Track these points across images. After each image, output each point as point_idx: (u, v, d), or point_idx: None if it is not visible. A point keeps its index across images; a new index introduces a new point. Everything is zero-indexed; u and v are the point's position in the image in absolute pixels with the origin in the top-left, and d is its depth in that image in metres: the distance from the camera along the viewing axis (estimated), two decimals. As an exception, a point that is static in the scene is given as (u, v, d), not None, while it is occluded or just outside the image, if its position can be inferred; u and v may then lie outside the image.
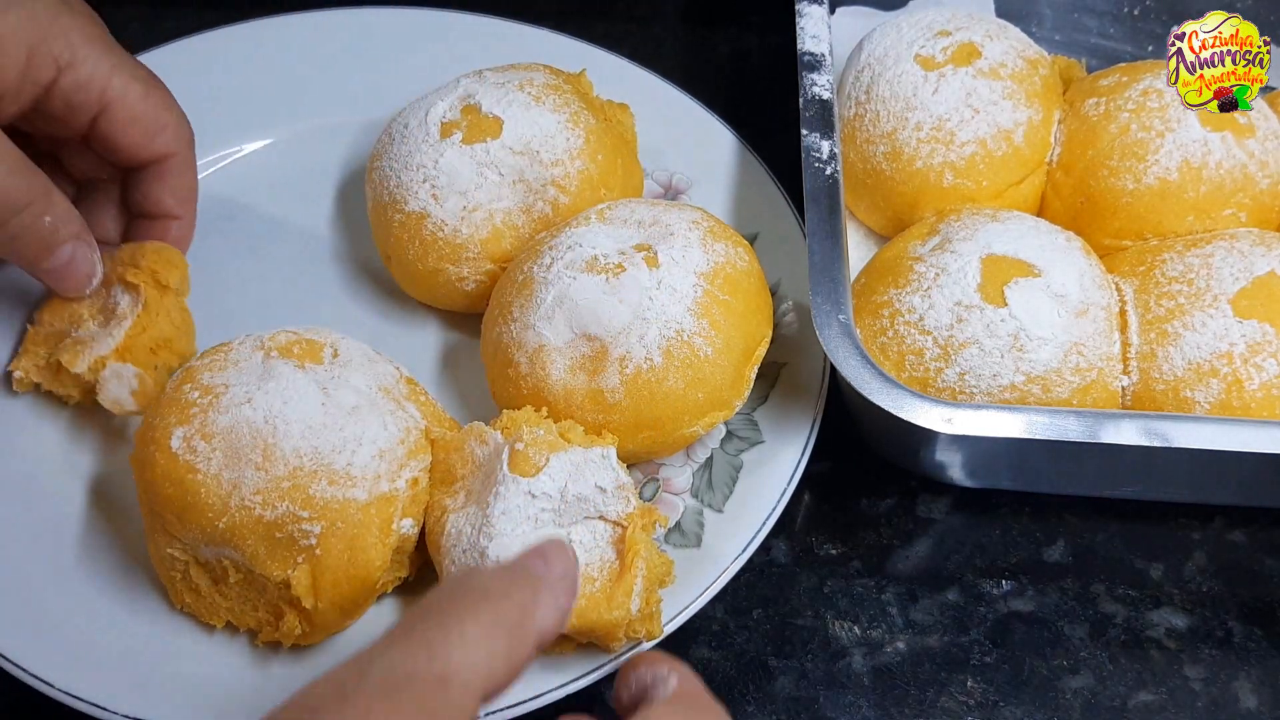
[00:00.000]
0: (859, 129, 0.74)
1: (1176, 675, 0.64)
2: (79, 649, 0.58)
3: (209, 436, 0.56)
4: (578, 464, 0.55)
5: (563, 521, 0.55)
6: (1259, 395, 0.62)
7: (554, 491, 0.54)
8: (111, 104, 0.61)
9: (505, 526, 0.54)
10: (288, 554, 0.56)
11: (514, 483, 0.54)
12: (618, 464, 0.56)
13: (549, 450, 0.55)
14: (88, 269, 0.62)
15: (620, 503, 0.55)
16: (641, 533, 0.55)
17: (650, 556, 0.56)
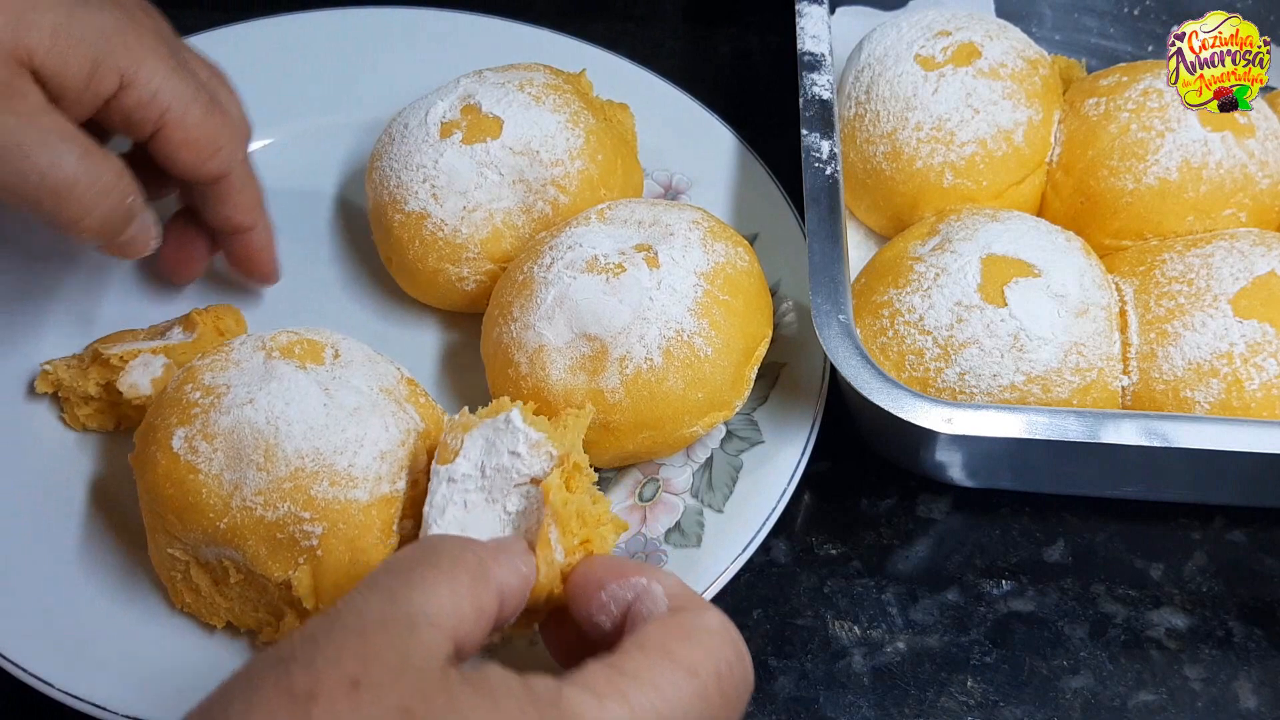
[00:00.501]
0: (859, 129, 0.74)
1: (1176, 675, 0.64)
2: (79, 649, 0.58)
3: (210, 437, 0.56)
4: (489, 436, 0.53)
5: (495, 496, 0.53)
6: (1259, 395, 0.62)
7: (473, 471, 0.53)
8: (168, 125, 0.61)
9: (437, 519, 0.53)
10: (289, 555, 0.56)
11: (436, 475, 0.53)
12: (524, 423, 0.52)
13: (463, 431, 0.54)
14: (152, 231, 0.64)
15: (541, 461, 0.52)
16: (557, 481, 0.51)
17: (575, 505, 0.51)
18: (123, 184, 0.60)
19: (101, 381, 0.65)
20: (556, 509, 0.49)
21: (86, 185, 0.58)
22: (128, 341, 0.67)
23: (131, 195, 0.60)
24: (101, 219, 0.59)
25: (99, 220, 0.59)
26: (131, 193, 0.60)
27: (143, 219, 0.62)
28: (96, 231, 0.60)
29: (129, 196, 0.60)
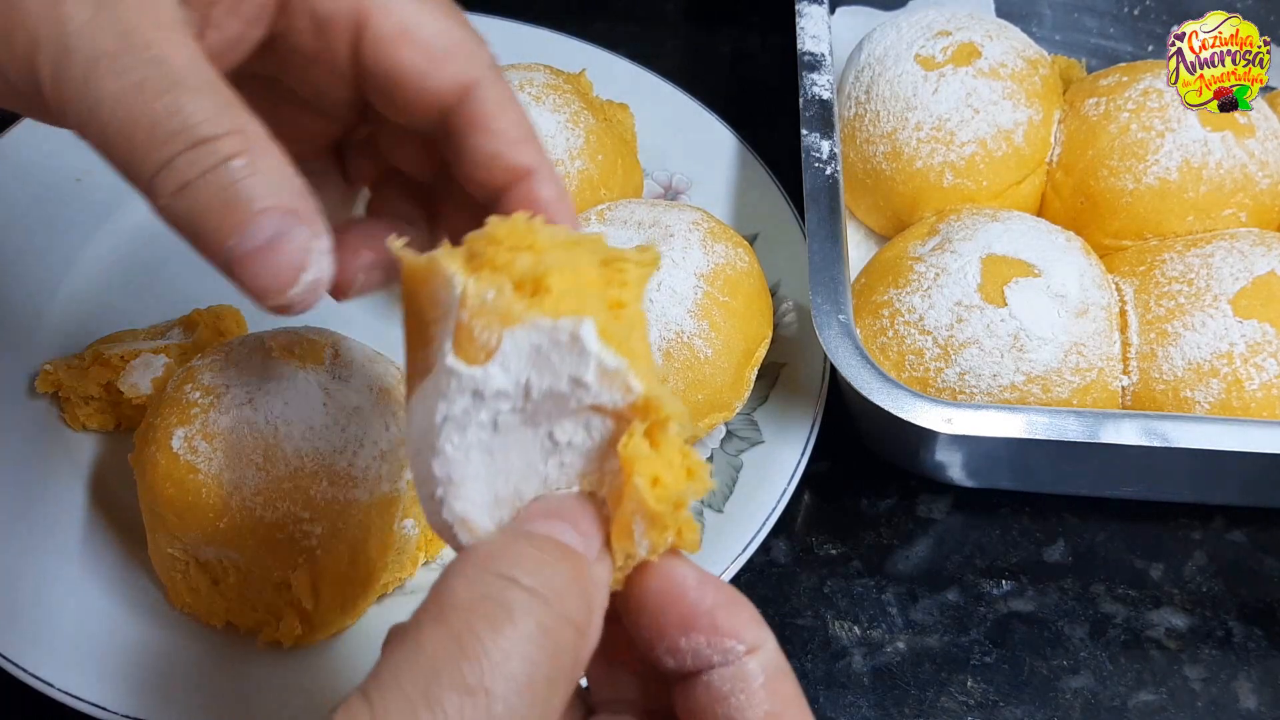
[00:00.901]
0: (859, 129, 0.74)
1: (1176, 675, 0.64)
2: (79, 649, 0.58)
3: (210, 437, 0.56)
4: (540, 346, 0.35)
5: (537, 420, 0.37)
6: (1259, 395, 0.62)
7: (510, 388, 0.35)
8: (372, 14, 0.40)
9: (451, 447, 0.36)
10: (288, 555, 0.56)
11: (456, 376, 0.35)
12: (599, 343, 0.35)
13: (500, 324, 0.35)
14: (297, 257, 0.36)
15: (615, 391, 0.36)
16: (641, 441, 0.36)
17: (660, 470, 0.36)
18: (234, 139, 0.36)
19: (102, 381, 0.65)
20: (647, 504, 0.36)
21: None
22: (128, 341, 0.67)
23: (241, 160, 0.36)
24: (179, 182, 0.36)
25: (174, 182, 0.36)
26: (243, 157, 0.36)
27: (285, 226, 0.36)
28: (175, 209, 0.37)
29: (236, 160, 0.36)
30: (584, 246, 0.37)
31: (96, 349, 0.66)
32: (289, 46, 0.41)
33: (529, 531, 0.35)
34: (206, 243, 0.36)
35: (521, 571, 0.32)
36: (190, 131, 0.35)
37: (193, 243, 0.37)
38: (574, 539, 0.35)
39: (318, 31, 0.40)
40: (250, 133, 0.36)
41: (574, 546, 0.35)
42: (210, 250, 0.36)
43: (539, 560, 0.33)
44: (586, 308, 0.35)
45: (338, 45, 0.41)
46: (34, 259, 0.72)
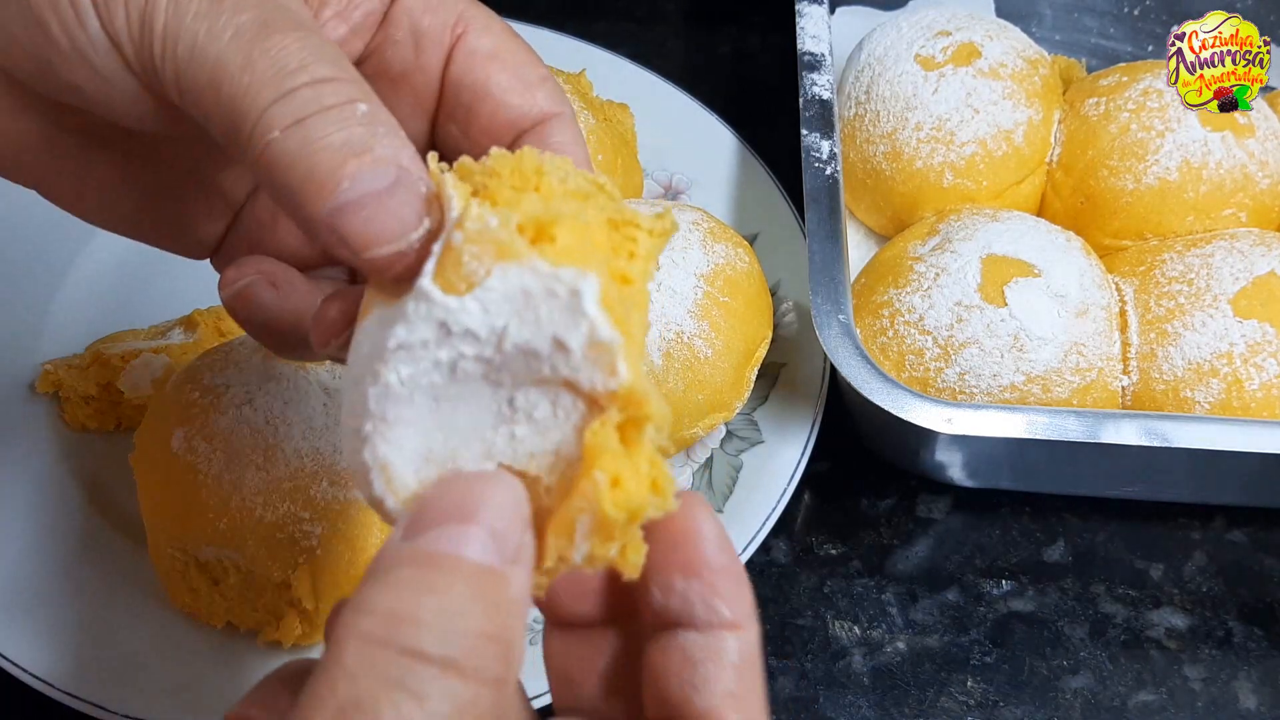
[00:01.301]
0: (859, 129, 0.74)
1: (1176, 675, 0.64)
2: (79, 649, 0.58)
3: (210, 437, 0.56)
4: (531, 293, 0.31)
5: (500, 379, 0.33)
6: (1259, 395, 0.62)
7: (482, 330, 0.31)
8: (470, 30, 0.41)
9: (397, 379, 0.32)
10: (288, 555, 0.56)
11: (426, 301, 0.32)
12: (598, 307, 0.31)
13: (495, 256, 0.31)
14: (415, 206, 0.33)
15: (599, 370, 0.32)
16: (612, 433, 0.32)
17: (626, 472, 0.32)
18: (350, 84, 0.34)
19: (101, 382, 0.65)
20: (601, 506, 0.31)
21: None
22: (128, 341, 0.67)
23: (364, 105, 0.34)
24: (295, 113, 0.34)
25: (291, 111, 0.33)
26: (364, 101, 0.34)
27: (401, 178, 0.33)
28: (282, 150, 0.33)
29: (359, 104, 0.34)
30: (595, 201, 0.33)
31: (97, 349, 0.66)
32: (380, 67, 0.41)
33: (430, 556, 0.30)
34: (315, 185, 0.32)
35: (428, 638, 0.29)
36: (316, 68, 0.33)
37: (294, 188, 0.33)
38: (483, 548, 0.31)
39: (415, 44, 0.40)
40: (370, 89, 0.35)
41: (486, 562, 0.30)
42: (318, 193, 0.32)
43: (446, 612, 0.29)
44: (590, 267, 0.31)
45: (432, 58, 0.40)
46: (34, 259, 0.72)
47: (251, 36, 0.33)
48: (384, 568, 0.30)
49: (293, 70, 0.33)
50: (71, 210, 0.42)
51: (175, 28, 0.33)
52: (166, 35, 0.34)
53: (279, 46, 0.33)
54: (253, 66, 0.33)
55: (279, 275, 0.40)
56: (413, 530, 0.31)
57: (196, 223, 0.43)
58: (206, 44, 0.33)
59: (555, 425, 0.33)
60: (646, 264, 0.33)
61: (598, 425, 0.32)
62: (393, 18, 0.40)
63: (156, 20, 0.34)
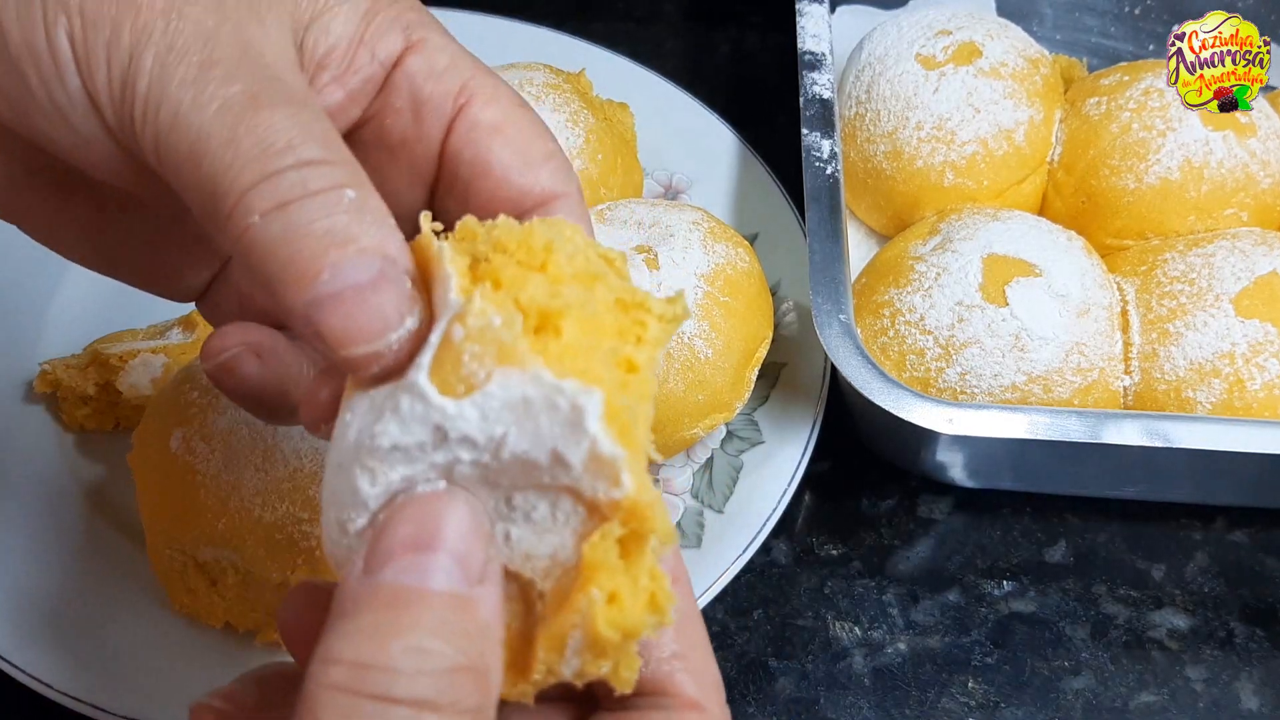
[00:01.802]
0: (860, 128, 0.74)
1: (1178, 676, 0.64)
2: (77, 650, 0.58)
3: (208, 437, 0.56)
4: (532, 403, 0.30)
5: (498, 480, 0.31)
6: (1261, 395, 0.62)
7: (480, 438, 0.30)
8: (474, 101, 0.38)
9: (388, 481, 0.31)
10: (287, 556, 0.55)
11: (423, 402, 0.30)
12: (601, 425, 0.30)
13: (496, 359, 0.30)
14: (397, 303, 0.31)
15: (601, 481, 0.30)
16: (612, 546, 0.31)
17: (624, 589, 0.31)
18: (342, 169, 0.32)
19: (100, 381, 0.65)
20: (594, 626, 0.30)
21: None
22: (127, 341, 0.66)
23: (352, 192, 0.32)
24: (277, 200, 0.32)
25: (273, 199, 0.32)
26: (352, 188, 0.32)
27: (386, 271, 0.32)
28: (265, 235, 0.31)
29: (347, 190, 0.32)
30: (605, 281, 0.32)
31: (95, 349, 0.66)
32: (378, 135, 0.38)
33: (393, 593, 0.29)
34: (294, 274, 0.31)
35: (400, 682, 0.28)
36: (304, 149, 0.31)
37: (273, 276, 0.31)
38: (448, 576, 0.30)
39: (414, 112, 0.38)
40: (360, 172, 0.33)
41: (451, 589, 0.30)
42: (296, 283, 0.31)
43: (416, 652, 0.28)
44: (595, 369, 0.30)
45: (432, 129, 0.38)
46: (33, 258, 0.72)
47: (239, 110, 0.31)
48: (347, 610, 0.29)
49: (279, 150, 0.31)
50: (53, 248, 0.41)
51: (158, 93, 0.32)
52: (149, 100, 0.32)
53: (266, 124, 0.31)
54: (237, 143, 0.31)
55: (264, 344, 0.38)
56: (373, 564, 0.30)
57: (181, 270, 0.42)
58: (190, 114, 0.31)
59: (554, 529, 0.32)
60: (654, 350, 0.32)
61: (597, 538, 0.30)
62: (394, 83, 0.38)
63: (139, 82, 0.32)
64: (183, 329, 0.66)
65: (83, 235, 0.40)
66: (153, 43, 0.32)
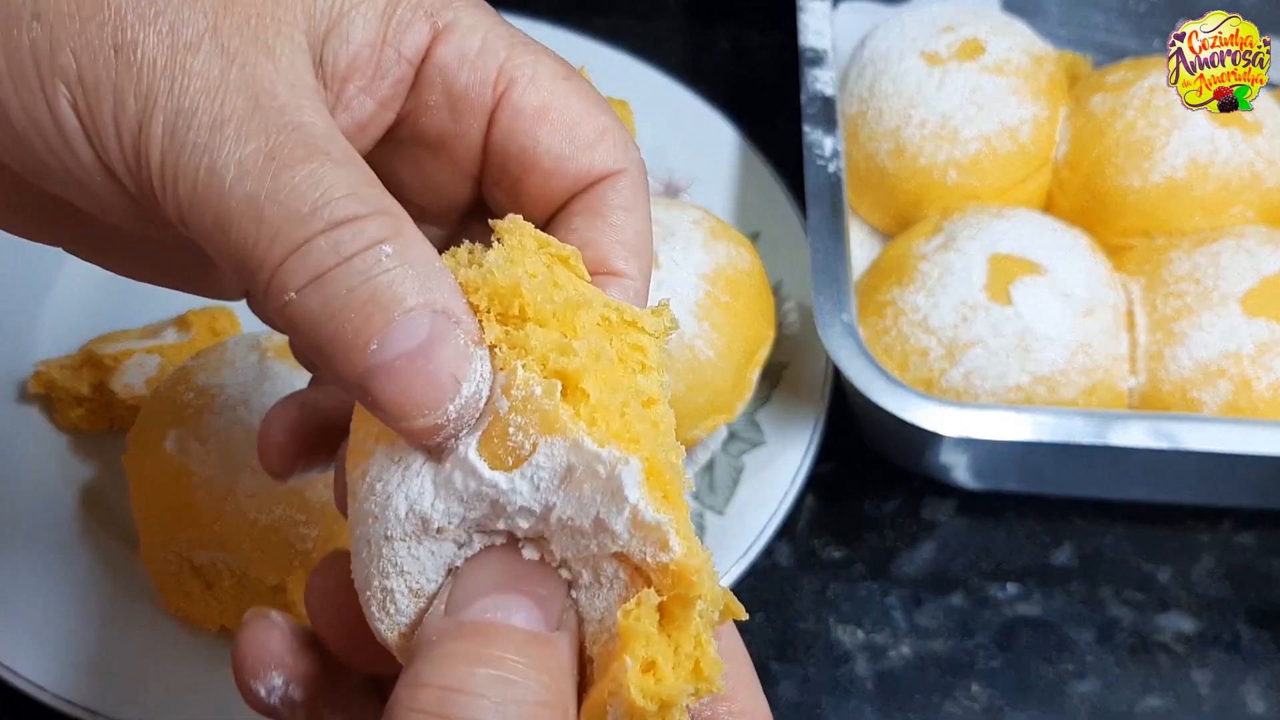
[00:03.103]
0: (862, 126, 0.73)
1: (1184, 679, 0.63)
2: (72, 654, 0.57)
3: (204, 438, 0.56)
4: (575, 470, 0.30)
5: (551, 548, 0.31)
6: (1268, 395, 0.62)
7: (536, 508, 0.30)
8: (514, 85, 0.36)
9: (448, 550, 0.32)
10: (283, 558, 0.55)
11: (475, 477, 0.30)
12: (642, 491, 0.29)
13: (539, 429, 0.30)
14: (453, 365, 0.30)
15: (648, 545, 0.30)
16: (651, 614, 0.30)
17: (661, 657, 0.30)
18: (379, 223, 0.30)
19: (94, 382, 0.64)
20: (628, 697, 0.29)
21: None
22: (122, 341, 0.66)
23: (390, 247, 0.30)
24: (315, 267, 0.30)
25: (310, 266, 0.30)
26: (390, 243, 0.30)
27: (437, 327, 0.30)
28: (304, 307, 0.30)
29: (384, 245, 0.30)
30: (589, 308, 0.32)
31: (90, 349, 0.65)
32: (415, 133, 0.36)
33: (478, 627, 0.30)
34: (341, 348, 0.29)
35: (485, 708, 0.28)
36: (332, 208, 0.29)
37: (320, 350, 0.30)
38: (529, 615, 0.30)
39: (452, 108, 0.35)
40: (397, 215, 0.31)
41: (534, 629, 0.30)
42: (345, 357, 0.29)
43: (502, 682, 0.28)
44: (630, 425, 0.30)
45: (471, 122, 0.35)
46: (27, 257, 0.71)
47: (258, 174, 0.29)
48: (431, 642, 0.29)
49: (305, 216, 0.29)
50: (107, 267, 0.40)
51: (173, 163, 0.30)
52: (164, 171, 0.30)
53: (288, 186, 0.29)
54: (259, 214, 0.29)
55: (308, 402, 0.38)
56: (456, 605, 0.30)
57: (224, 274, 0.40)
58: (207, 184, 0.29)
59: (600, 594, 0.31)
60: (661, 374, 0.32)
61: (633, 605, 0.30)
62: (425, 79, 0.35)
63: (152, 153, 0.30)
64: (178, 329, 0.66)
65: (129, 258, 0.39)
66: (159, 108, 0.30)
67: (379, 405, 0.30)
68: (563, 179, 0.36)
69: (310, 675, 0.35)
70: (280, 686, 0.35)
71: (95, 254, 0.39)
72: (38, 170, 0.31)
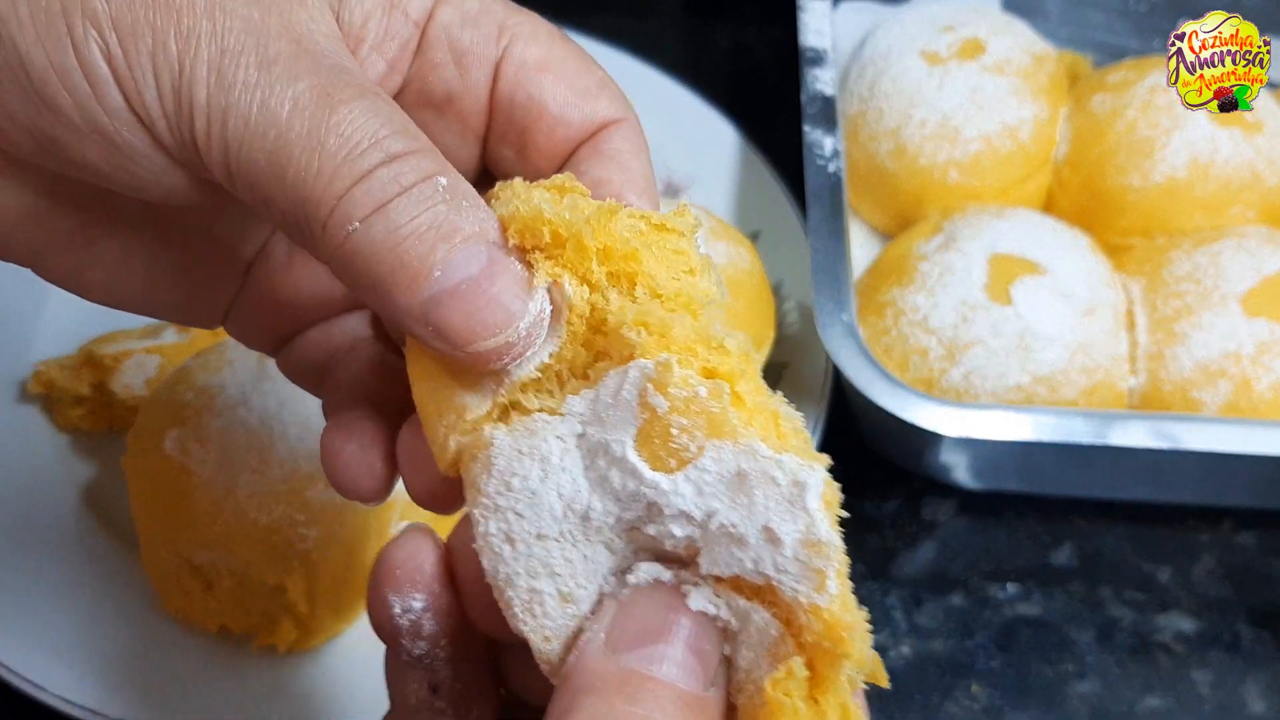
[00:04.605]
0: (862, 125, 0.73)
1: (1184, 679, 0.63)
2: (72, 653, 0.57)
3: (203, 439, 0.56)
4: (747, 478, 0.28)
5: (706, 573, 0.30)
6: (1268, 396, 0.62)
7: (697, 513, 0.29)
8: (515, 40, 0.36)
9: (604, 554, 0.31)
10: (283, 558, 0.55)
11: (634, 474, 0.29)
12: (820, 505, 0.28)
13: (705, 432, 0.28)
14: (514, 293, 0.31)
15: (804, 579, 0.28)
16: (800, 686, 0.29)
17: None
18: (428, 158, 0.31)
19: (94, 382, 0.64)
20: None
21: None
22: (121, 341, 0.66)
23: (444, 179, 0.31)
24: (374, 200, 0.30)
25: (369, 199, 0.30)
26: (444, 175, 0.31)
27: (495, 260, 0.31)
28: (362, 243, 0.30)
29: (439, 177, 0.31)
30: (640, 235, 0.31)
31: (89, 349, 0.65)
32: (422, 94, 0.37)
33: (636, 677, 0.30)
34: (406, 276, 0.29)
35: None
36: (389, 142, 0.30)
37: (381, 280, 0.30)
38: (686, 671, 0.30)
39: (458, 63, 0.36)
40: (439, 153, 0.31)
41: (690, 688, 0.30)
42: (409, 285, 0.30)
43: None
44: (791, 434, 0.29)
45: (478, 77, 0.36)
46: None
47: (314, 109, 0.29)
48: (589, 686, 0.30)
49: (365, 149, 0.29)
50: (73, 290, 0.39)
51: (221, 102, 0.29)
52: (211, 111, 0.29)
53: (346, 120, 0.29)
54: (322, 146, 0.29)
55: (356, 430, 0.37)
56: (616, 642, 0.30)
57: (208, 289, 0.40)
58: (262, 121, 0.29)
59: (748, 644, 0.30)
60: (707, 274, 0.32)
61: (783, 675, 0.29)
62: (430, 39, 0.36)
63: (197, 93, 0.29)
64: (177, 329, 0.66)
65: (109, 273, 0.38)
66: (203, 47, 0.29)
67: (445, 330, 0.30)
68: (569, 126, 0.36)
69: (446, 612, 0.35)
70: (416, 610, 0.35)
71: (71, 269, 0.38)
72: (53, 131, 0.30)
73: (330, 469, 0.36)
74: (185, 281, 0.38)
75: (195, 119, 0.30)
